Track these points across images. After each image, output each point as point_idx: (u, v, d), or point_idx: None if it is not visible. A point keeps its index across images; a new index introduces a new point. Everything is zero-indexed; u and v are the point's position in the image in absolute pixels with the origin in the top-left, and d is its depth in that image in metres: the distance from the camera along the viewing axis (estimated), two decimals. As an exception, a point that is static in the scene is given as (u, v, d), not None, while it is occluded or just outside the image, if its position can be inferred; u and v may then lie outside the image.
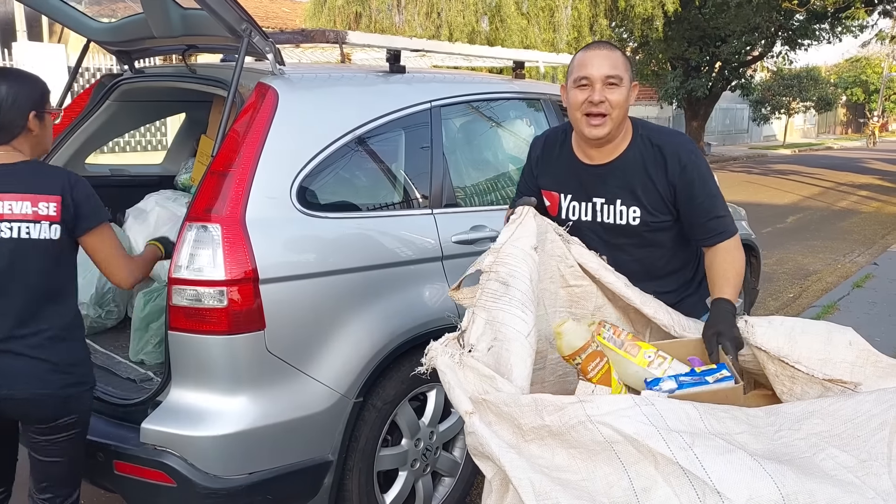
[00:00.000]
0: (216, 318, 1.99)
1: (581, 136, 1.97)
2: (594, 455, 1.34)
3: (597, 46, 1.94)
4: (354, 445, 2.26)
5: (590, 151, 1.99)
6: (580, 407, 1.36)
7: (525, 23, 11.01)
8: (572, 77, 1.93)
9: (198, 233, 2.03)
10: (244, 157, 2.12)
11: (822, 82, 28.28)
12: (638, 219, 1.96)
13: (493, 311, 1.64)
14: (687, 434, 1.31)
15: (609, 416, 1.33)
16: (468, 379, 1.51)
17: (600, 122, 1.88)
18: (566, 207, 2.05)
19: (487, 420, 1.44)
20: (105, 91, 2.93)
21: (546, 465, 1.36)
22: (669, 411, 1.36)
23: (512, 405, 1.41)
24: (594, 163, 1.99)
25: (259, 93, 2.25)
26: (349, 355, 2.21)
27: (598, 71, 1.87)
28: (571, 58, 2.01)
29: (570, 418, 1.35)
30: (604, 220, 2.00)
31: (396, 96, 2.59)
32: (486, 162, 3.02)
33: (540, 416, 1.38)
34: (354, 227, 2.33)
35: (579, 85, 1.90)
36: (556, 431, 1.37)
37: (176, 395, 2.05)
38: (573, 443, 1.36)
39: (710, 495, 1.22)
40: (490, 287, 1.70)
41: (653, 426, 1.31)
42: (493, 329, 1.62)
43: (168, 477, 1.98)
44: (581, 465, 1.35)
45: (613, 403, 1.36)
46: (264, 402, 2.05)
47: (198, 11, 2.35)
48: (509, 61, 3.68)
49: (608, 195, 1.98)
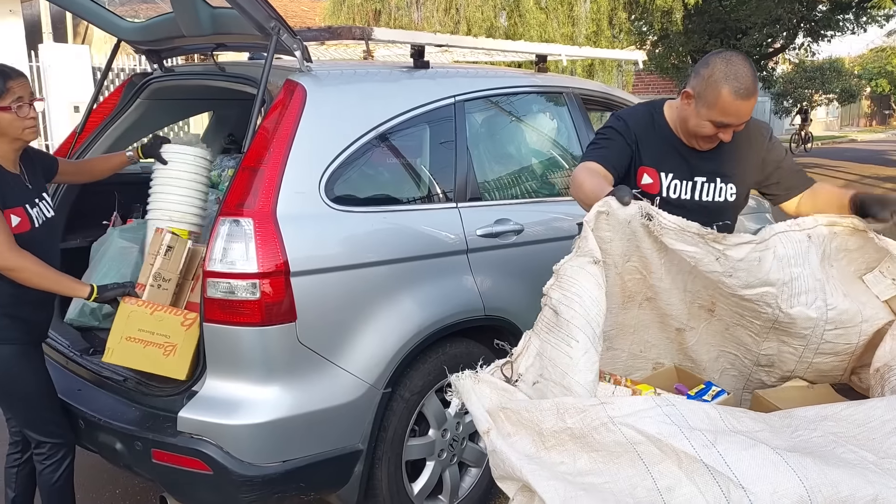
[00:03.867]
0: (249, 310, 2.04)
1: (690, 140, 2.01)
2: (617, 457, 1.33)
3: (747, 93, 1.84)
4: (383, 435, 2.31)
5: (696, 143, 2.02)
6: (602, 409, 1.35)
7: (544, 17, 10.97)
8: (711, 115, 1.87)
9: (230, 227, 2.08)
10: (274, 152, 2.17)
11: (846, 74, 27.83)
12: (734, 195, 2.05)
13: (544, 344, 1.56)
14: (709, 432, 1.31)
15: (631, 417, 1.33)
16: (485, 393, 1.49)
17: (715, 143, 1.98)
18: (667, 185, 2.04)
19: (505, 432, 1.42)
20: (135, 90, 2.99)
21: (568, 472, 1.36)
22: (690, 412, 1.36)
23: (533, 410, 1.40)
24: (698, 149, 2.02)
25: (287, 90, 2.30)
26: (377, 347, 2.25)
27: (741, 120, 1.89)
28: (714, 83, 1.85)
29: (592, 420, 1.35)
30: (703, 198, 2.03)
31: (421, 91, 2.62)
32: (509, 156, 3.04)
33: (562, 419, 1.37)
34: (381, 221, 2.36)
35: (714, 123, 1.89)
36: (577, 434, 1.36)
37: (211, 385, 2.10)
38: (595, 445, 1.35)
39: (734, 490, 1.22)
40: (545, 314, 1.61)
41: (675, 425, 1.31)
42: (541, 363, 1.56)
43: (205, 465, 2.03)
44: (604, 468, 1.34)
45: (635, 405, 1.36)
46: (297, 391, 2.10)
47: (227, 10, 2.40)
48: (530, 55, 3.69)
49: (709, 174, 2.03)
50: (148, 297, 2.30)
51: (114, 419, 2.21)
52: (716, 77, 1.84)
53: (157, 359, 2.19)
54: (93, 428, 2.25)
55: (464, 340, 2.53)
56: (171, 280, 2.37)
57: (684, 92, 1.96)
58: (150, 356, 2.19)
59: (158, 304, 2.26)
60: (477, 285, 2.53)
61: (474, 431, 2.65)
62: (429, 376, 2.40)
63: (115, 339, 2.21)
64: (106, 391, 2.38)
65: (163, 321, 2.20)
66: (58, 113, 10.76)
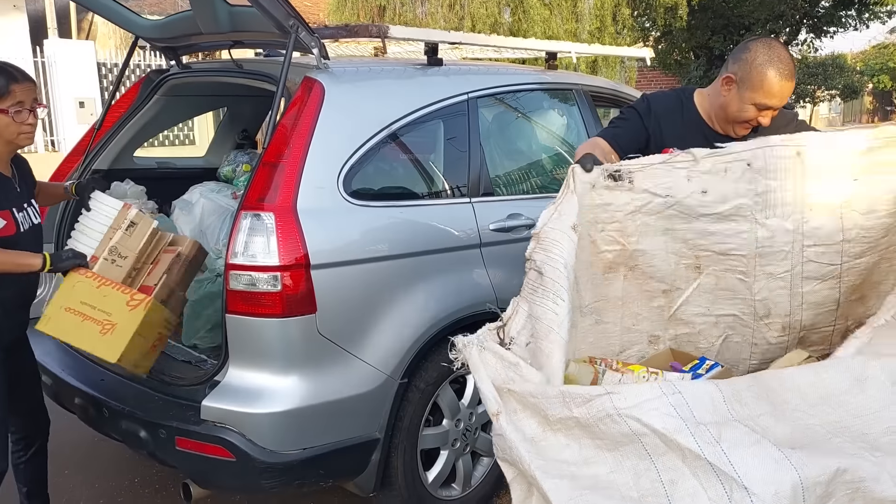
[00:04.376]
0: (271, 302, 2.09)
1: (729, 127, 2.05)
2: (621, 447, 1.36)
3: (790, 74, 1.91)
4: (399, 424, 2.36)
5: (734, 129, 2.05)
6: (608, 399, 1.36)
7: (548, 13, 10.99)
8: (755, 97, 1.93)
9: (252, 221, 2.13)
10: (294, 148, 2.22)
11: (848, 70, 27.80)
12: None
13: (532, 305, 1.63)
14: (713, 426, 1.33)
15: (636, 408, 1.34)
16: (491, 364, 1.52)
17: (750, 129, 2.01)
18: None
19: (512, 409, 1.45)
20: (153, 86, 3.04)
21: (573, 460, 1.39)
22: (696, 400, 1.37)
23: (539, 396, 1.43)
24: (732, 136, 2.05)
25: (306, 86, 2.35)
26: (394, 338, 2.31)
27: (781, 103, 1.93)
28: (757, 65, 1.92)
29: (597, 411, 1.36)
30: None
31: (435, 88, 2.67)
32: (520, 151, 3.09)
33: (568, 408, 1.39)
34: (397, 216, 2.42)
35: (759, 107, 1.94)
36: (583, 423, 1.38)
37: (233, 375, 2.15)
38: (600, 434, 1.37)
39: (737, 490, 1.25)
40: (529, 277, 1.69)
41: (680, 419, 1.33)
42: (531, 324, 1.62)
43: (227, 452, 2.09)
44: (608, 457, 1.37)
45: (640, 395, 1.37)
46: (316, 381, 2.16)
47: (245, 8, 2.45)
48: (540, 53, 3.74)
49: None
50: (99, 270, 2.18)
51: (138, 408, 2.27)
52: (759, 61, 1.91)
53: (93, 336, 2.07)
54: (117, 417, 2.31)
55: (477, 333, 2.58)
56: (127, 258, 2.25)
57: (725, 77, 2.00)
58: (86, 332, 2.07)
59: (107, 279, 2.15)
60: (490, 279, 2.58)
61: (487, 422, 2.71)
62: (443, 368, 2.45)
63: (54, 307, 2.11)
64: (129, 381, 2.43)
65: (107, 297, 2.10)
66: (63, 108, 10.81)
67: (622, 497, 1.32)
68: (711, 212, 1.81)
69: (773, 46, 1.94)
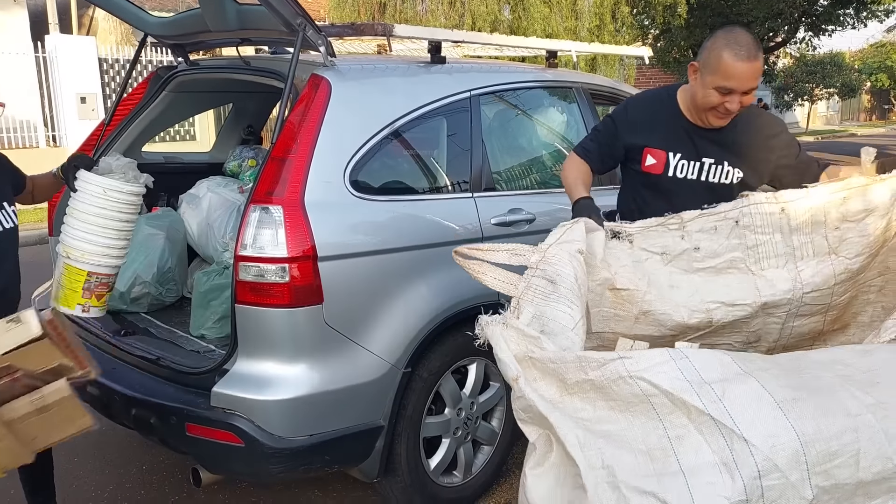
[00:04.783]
0: (279, 293, 2.16)
1: (702, 117, 2.10)
2: (632, 406, 1.46)
3: (748, 56, 1.93)
4: (403, 413, 2.43)
5: (706, 118, 2.11)
6: (620, 363, 1.47)
7: (547, 10, 11.06)
8: (715, 80, 1.97)
9: (261, 214, 2.19)
10: (301, 144, 2.28)
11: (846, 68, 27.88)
12: (740, 178, 2.13)
13: (541, 307, 1.69)
14: (718, 384, 1.42)
15: (647, 371, 1.45)
16: (513, 338, 1.59)
17: (727, 117, 2.05)
18: (674, 165, 2.16)
19: (532, 377, 1.54)
20: (161, 83, 3.10)
21: (588, 418, 1.49)
22: (702, 362, 1.47)
23: (558, 362, 1.52)
24: (708, 127, 2.12)
25: (313, 83, 2.41)
26: (398, 329, 2.37)
27: (742, 85, 1.96)
28: (715, 49, 1.97)
29: (611, 373, 1.47)
30: (709, 179, 2.14)
31: (438, 86, 2.73)
32: (521, 148, 3.16)
33: (584, 371, 1.49)
34: (402, 210, 2.48)
35: (721, 91, 1.98)
36: (598, 385, 1.48)
37: (242, 363, 2.22)
38: (613, 395, 1.47)
39: (737, 441, 1.35)
40: (536, 283, 1.74)
41: (687, 381, 1.43)
42: (540, 323, 1.68)
43: (237, 437, 2.15)
44: (620, 416, 1.47)
45: (651, 359, 1.48)
46: (323, 369, 2.22)
47: (253, 7, 2.50)
48: (540, 51, 3.80)
49: (718, 156, 2.13)
50: None
51: (149, 395, 2.34)
52: (717, 45, 1.97)
53: None
54: (128, 404, 2.37)
55: (478, 324, 2.65)
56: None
57: (691, 65, 2.08)
58: None
59: None
60: (491, 272, 2.64)
61: (487, 411, 2.78)
62: (445, 357, 2.53)
63: None
64: (139, 370, 2.50)
65: None
66: (64, 103, 10.85)
67: (632, 449, 1.41)
68: (706, 266, 1.92)
69: (733, 30, 1.99)
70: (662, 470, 1.38)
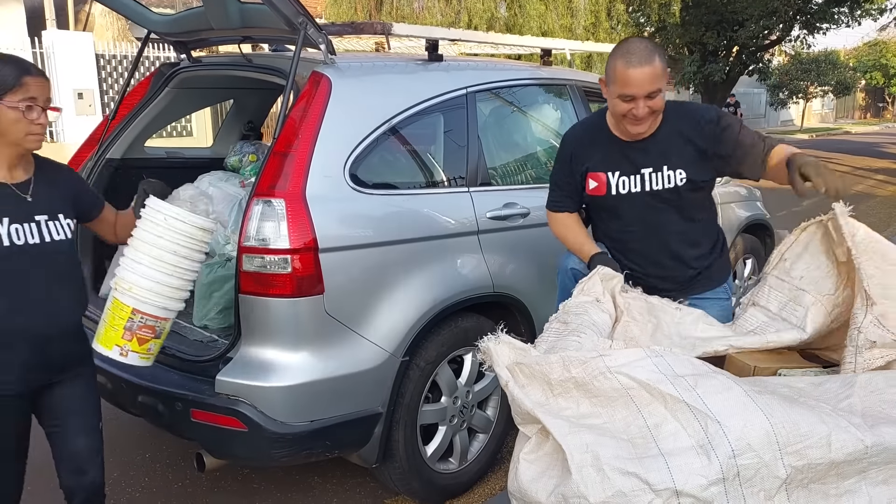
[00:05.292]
0: (282, 283, 2.23)
1: (622, 128, 2.17)
2: (613, 401, 1.57)
3: (638, 61, 1.99)
4: (401, 400, 2.51)
5: (625, 129, 2.17)
6: (601, 360, 1.60)
7: (543, 8, 11.13)
8: (616, 89, 2.04)
9: (264, 207, 2.26)
10: (302, 139, 2.35)
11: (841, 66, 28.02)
12: (684, 178, 2.16)
13: (553, 343, 1.82)
14: (691, 377, 1.55)
15: (625, 366, 1.58)
16: (504, 351, 1.72)
17: (643, 125, 2.11)
18: (615, 184, 2.23)
19: (521, 383, 1.66)
20: (164, 79, 3.16)
21: (573, 415, 1.60)
22: (676, 360, 1.61)
23: (542, 363, 1.65)
24: (635, 139, 2.18)
25: (314, 81, 2.48)
26: (397, 318, 2.45)
27: (641, 90, 2.02)
28: (611, 60, 2.06)
29: (592, 370, 1.59)
30: (652, 187, 2.20)
31: (435, 83, 2.81)
32: (516, 144, 3.24)
33: (567, 369, 1.61)
34: (400, 203, 2.56)
35: (623, 98, 2.04)
36: (580, 382, 1.60)
37: (246, 351, 2.29)
38: (595, 391, 1.59)
39: (711, 424, 1.45)
40: (552, 328, 1.91)
41: (662, 374, 1.56)
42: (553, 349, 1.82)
43: (240, 423, 2.23)
44: (602, 411, 1.58)
45: (628, 356, 1.61)
46: (324, 358, 2.30)
47: (256, 5, 2.57)
48: (535, 49, 3.88)
49: (654, 164, 2.18)
50: None
51: (155, 383, 2.41)
52: (613, 56, 2.07)
53: None
54: (135, 391, 2.45)
55: (474, 315, 2.73)
56: None
57: (600, 80, 2.18)
58: None
59: None
60: (486, 264, 2.73)
61: (483, 399, 2.86)
62: (442, 347, 2.60)
63: None
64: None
65: None
66: (61, 99, 10.87)
67: (614, 437, 1.52)
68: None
69: (628, 40, 2.08)
70: (643, 454, 1.48)
